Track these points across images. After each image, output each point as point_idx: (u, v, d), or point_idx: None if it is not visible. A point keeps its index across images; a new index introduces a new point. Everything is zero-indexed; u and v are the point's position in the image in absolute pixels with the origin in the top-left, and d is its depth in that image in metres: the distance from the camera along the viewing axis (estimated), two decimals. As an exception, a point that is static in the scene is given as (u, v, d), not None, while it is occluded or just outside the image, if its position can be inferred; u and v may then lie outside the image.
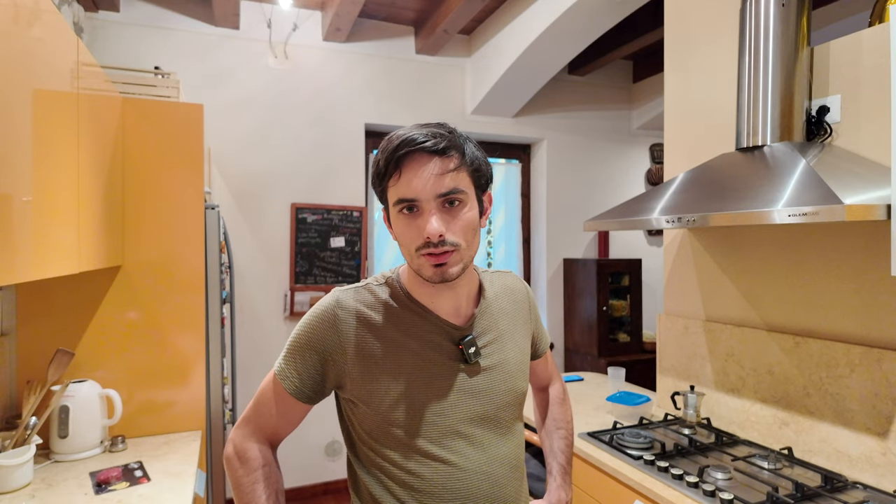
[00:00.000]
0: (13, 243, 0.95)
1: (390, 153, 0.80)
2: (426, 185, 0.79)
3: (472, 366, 0.89)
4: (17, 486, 1.38)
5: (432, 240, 0.79)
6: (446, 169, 0.80)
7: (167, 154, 1.86)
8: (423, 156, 0.80)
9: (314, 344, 0.87)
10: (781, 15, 1.45)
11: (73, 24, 2.49)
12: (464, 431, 0.86)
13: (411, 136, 0.80)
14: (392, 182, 0.81)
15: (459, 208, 0.82)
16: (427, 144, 0.79)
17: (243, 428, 0.92)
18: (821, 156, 1.34)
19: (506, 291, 1.01)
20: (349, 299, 0.89)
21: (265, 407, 0.90)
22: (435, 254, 0.80)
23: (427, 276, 0.83)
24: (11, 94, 0.94)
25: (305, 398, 0.89)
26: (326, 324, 0.87)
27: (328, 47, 3.21)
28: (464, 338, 0.89)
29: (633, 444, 1.59)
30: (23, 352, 1.69)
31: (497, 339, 0.94)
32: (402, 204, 0.81)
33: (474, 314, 0.92)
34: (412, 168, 0.80)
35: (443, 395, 0.86)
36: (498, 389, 0.91)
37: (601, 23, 2.72)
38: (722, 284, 1.82)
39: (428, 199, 0.79)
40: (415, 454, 0.84)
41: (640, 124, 3.97)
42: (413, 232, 0.81)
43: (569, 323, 3.79)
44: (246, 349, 3.00)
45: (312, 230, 3.18)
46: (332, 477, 3.23)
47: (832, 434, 1.46)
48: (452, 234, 0.81)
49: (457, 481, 0.85)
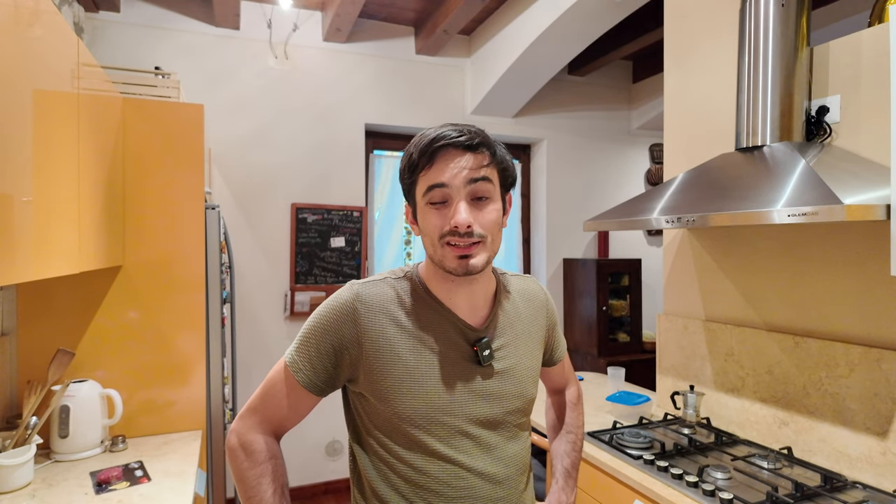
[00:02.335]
0: (14, 243, 0.95)
1: (425, 146, 0.82)
2: (458, 174, 0.81)
3: (485, 368, 0.89)
4: (17, 485, 1.38)
5: (460, 229, 0.80)
6: (479, 164, 0.83)
7: (168, 154, 1.86)
8: (457, 150, 0.82)
9: (330, 336, 0.86)
10: (781, 15, 1.45)
11: (74, 24, 2.49)
12: (472, 432, 0.86)
13: (445, 132, 0.82)
14: (423, 173, 0.83)
15: (486, 203, 0.84)
16: (462, 139, 0.81)
17: (248, 418, 0.90)
18: (820, 156, 1.34)
19: (523, 296, 1.01)
20: (368, 293, 0.89)
21: (274, 398, 0.89)
22: (460, 245, 0.81)
23: (450, 267, 0.83)
24: (12, 95, 0.94)
25: (318, 390, 0.88)
26: (345, 316, 0.86)
27: (328, 47, 3.21)
28: (479, 339, 0.89)
29: (633, 444, 1.59)
30: (23, 352, 1.70)
31: (511, 342, 0.94)
32: (431, 192, 0.82)
33: (490, 315, 0.92)
34: (445, 159, 0.82)
35: (454, 394, 0.86)
36: (508, 394, 0.90)
37: (601, 23, 2.72)
38: (721, 284, 1.82)
39: (458, 187, 0.81)
40: (422, 451, 0.85)
41: (639, 124, 3.98)
42: (440, 221, 0.83)
43: (568, 323, 3.79)
44: (246, 349, 3.00)
45: (313, 230, 3.18)
46: (332, 476, 3.23)
47: (832, 434, 1.46)
48: (480, 226, 0.82)
49: (461, 480, 0.85)
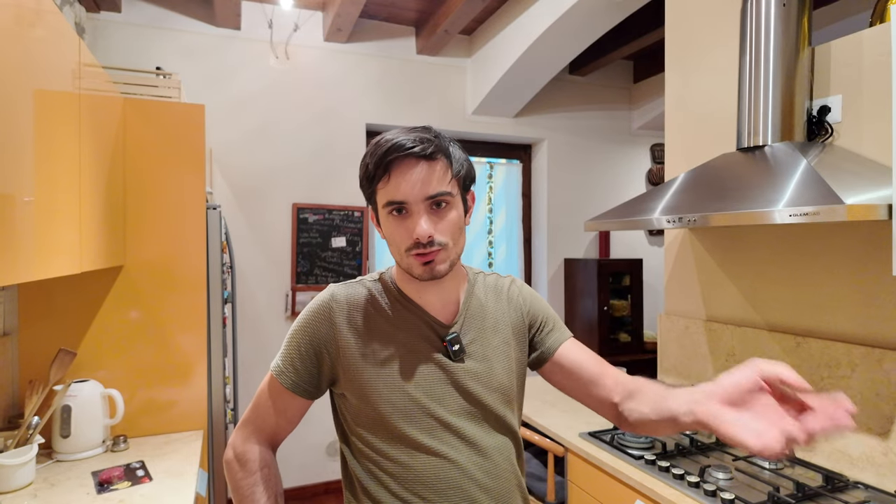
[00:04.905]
0: (15, 243, 0.95)
1: (379, 157, 0.83)
2: (414, 189, 0.82)
3: (458, 362, 0.91)
4: (19, 485, 1.39)
5: (422, 241, 0.83)
6: (433, 173, 0.83)
7: (169, 154, 1.86)
8: (412, 160, 0.83)
9: (310, 337, 0.90)
10: (782, 15, 1.45)
11: (75, 24, 2.49)
12: (453, 424, 0.88)
13: (399, 142, 0.82)
14: (381, 185, 0.85)
15: (446, 210, 0.85)
16: (416, 150, 0.82)
17: (242, 430, 0.94)
18: (822, 156, 1.34)
19: (493, 291, 1.01)
20: (342, 293, 0.93)
21: (263, 407, 0.93)
22: (423, 253, 0.84)
23: (417, 274, 0.86)
24: (13, 95, 0.94)
25: (302, 392, 0.91)
26: (321, 317, 0.91)
27: (329, 48, 3.21)
28: (448, 335, 0.91)
29: (634, 444, 1.59)
30: (25, 352, 1.70)
31: (480, 336, 0.94)
32: (391, 206, 0.85)
33: (459, 311, 0.94)
34: (401, 172, 0.83)
35: (431, 388, 0.88)
36: (483, 386, 0.91)
37: (602, 23, 2.72)
38: (723, 284, 1.82)
39: (416, 201, 0.83)
40: (406, 445, 0.86)
41: (640, 124, 3.97)
42: (403, 233, 0.85)
43: (569, 323, 3.79)
44: (247, 349, 3.00)
45: (314, 230, 3.18)
46: (332, 476, 3.24)
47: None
48: (440, 234, 0.84)
49: (447, 472, 0.86)
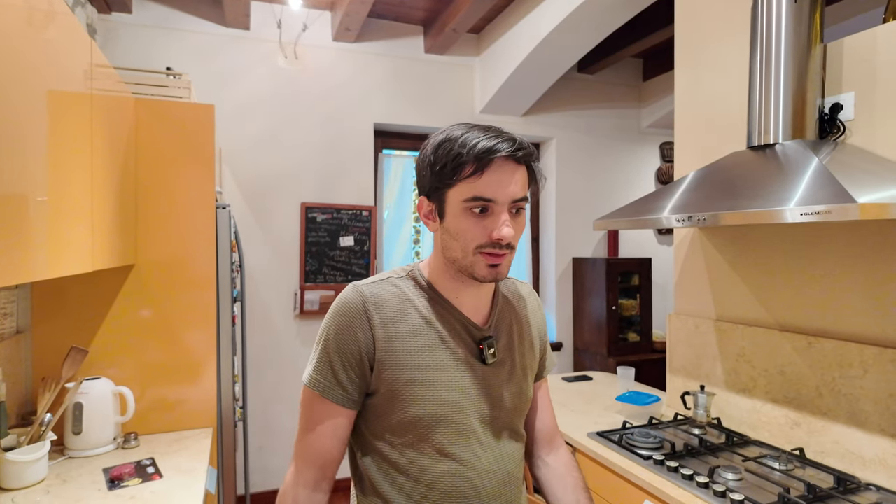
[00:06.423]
0: (29, 242, 0.96)
1: (481, 152, 0.80)
2: (507, 190, 0.82)
3: (489, 366, 0.90)
4: (32, 481, 1.40)
5: (503, 241, 0.82)
6: (522, 178, 0.84)
7: (179, 154, 1.88)
8: (510, 163, 0.82)
9: (349, 344, 0.86)
10: (794, 11, 1.43)
11: (87, 25, 2.52)
12: (477, 431, 0.87)
13: (500, 144, 0.81)
14: (471, 179, 0.81)
15: (521, 216, 0.86)
16: (519, 154, 0.82)
17: (293, 470, 0.89)
18: (834, 154, 1.32)
19: (518, 298, 1.02)
20: (373, 293, 0.88)
21: (312, 433, 0.88)
22: (495, 254, 0.83)
23: (480, 274, 0.84)
24: (26, 96, 0.96)
25: (353, 404, 0.88)
26: (357, 321, 0.86)
27: (338, 47, 3.22)
28: (484, 338, 0.90)
29: (643, 444, 1.59)
30: (38, 349, 1.72)
31: (510, 342, 0.95)
32: (476, 202, 0.81)
33: (491, 315, 0.93)
34: (497, 172, 0.81)
35: (464, 392, 0.87)
36: (509, 392, 0.91)
37: (611, 20, 2.70)
38: (733, 284, 1.80)
39: (504, 202, 0.82)
40: (430, 450, 0.85)
41: (650, 122, 3.94)
42: (480, 230, 0.83)
43: (578, 322, 3.78)
44: (256, 347, 3.02)
45: (322, 229, 3.19)
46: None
47: (845, 435, 1.44)
48: (515, 238, 0.84)
49: (465, 480, 0.85)
